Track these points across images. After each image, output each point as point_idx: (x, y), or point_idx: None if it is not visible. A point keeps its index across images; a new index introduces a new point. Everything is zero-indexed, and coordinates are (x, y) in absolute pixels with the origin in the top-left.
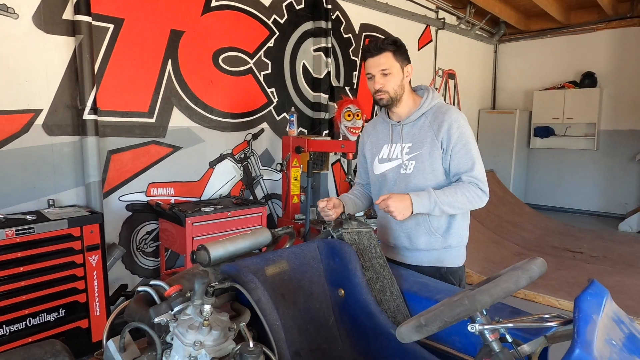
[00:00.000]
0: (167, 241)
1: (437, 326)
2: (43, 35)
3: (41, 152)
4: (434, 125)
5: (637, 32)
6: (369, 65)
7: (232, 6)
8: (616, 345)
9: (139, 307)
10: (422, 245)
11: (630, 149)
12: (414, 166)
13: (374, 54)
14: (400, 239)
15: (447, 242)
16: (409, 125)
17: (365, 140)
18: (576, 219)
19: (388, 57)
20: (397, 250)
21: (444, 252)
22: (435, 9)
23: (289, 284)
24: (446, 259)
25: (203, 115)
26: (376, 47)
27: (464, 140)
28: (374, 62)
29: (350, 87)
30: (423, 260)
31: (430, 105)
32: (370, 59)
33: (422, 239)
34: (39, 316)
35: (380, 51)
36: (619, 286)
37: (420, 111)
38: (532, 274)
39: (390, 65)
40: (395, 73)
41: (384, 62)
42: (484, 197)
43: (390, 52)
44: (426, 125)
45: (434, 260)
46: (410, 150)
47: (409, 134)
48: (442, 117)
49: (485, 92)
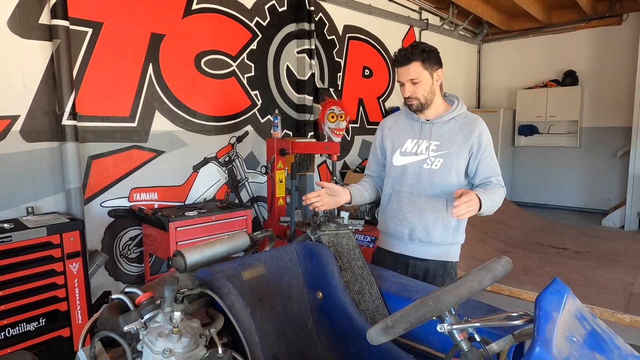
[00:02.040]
0: (151, 246)
1: (404, 327)
2: (19, 40)
3: (19, 158)
4: (464, 129)
5: (615, 31)
6: (399, 74)
7: (214, 9)
8: (577, 342)
9: (112, 315)
10: (437, 239)
11: (611, 146)
12: (441, 163)
13: (402, 63)
14: (417, 232)
15: (456, 239)
16: (439, 125)
17: (386, 133)
18: (560, 216)
19: (417, 67)
20: (411, 244)
21: (451, 247)
22: (418, 10)
23: (266, 287)
24: (451, 254)
25: (186, 118)
26: (405, 58)
27: (490, 148)
28: (404, 71)
29: (334, 89)
30: (433, 253)
31: (460, 111)
32: (400, 68)
33: (437, 233)
34: (19, 326)
35: (408, 61)
36: (602, 280)
37: (452, 114)
38: (496, 274)
39: (419, 74)
40: (424, 80)
41: (413, 71)
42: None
43: (418, 61)
44: (456, 128)
45: (442, 254)
46: (437, 148)
47: (438, 133)
48: (474, 124)
49: (470, 92)
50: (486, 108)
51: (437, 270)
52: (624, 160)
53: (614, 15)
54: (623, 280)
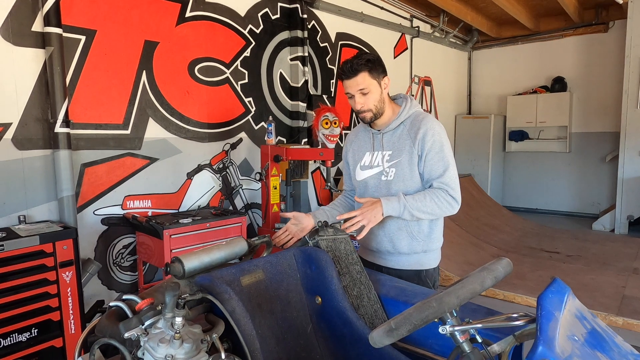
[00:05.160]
0: (144, 254)
1: (407, 329)
2: (11, 47)
3: (11, 166)
4: (411, 132)
5: (602, 38)
6: (347, 86)
7: (207, 16)
8: (578, 341)
9: (110, 323)
10: (404, 249)
11: (600, 151)
12: (394, 173)
13: (350, 75)
14: (383, 243)
15: (428, 246)
16: (389, 133)
17: (348, 148)
18: (552, 220)
19: (364, 77)
20: (380, 254)
21: (423, 256)
22: (409, 18)
23: (265, 293)
24: (425, 261)
25: (180, 126)
26: (351, 70)
27: (437, 148)
28: (352, 83)
29: (327, 95)
30: (404, 263)
31: (408, 114)
32: (347, 80)
33: (404, 243)
34: (10, 337)
35: (355, 73)
36: (594, 284)
37: (399, 120)
38: (497, 274)
39: (368, 84)
40: (373, 90)
41: (361, 82)
42: (454, 203)
43: (365, 71)
44: (404, 133)
45: (414, 263)
46: (390, 157)
47: (389, 142)
48: (419, 124)
49: (461, 98)
50: (477, 114)
51: (411, 279)
52: (612, 164)
53: (601, 23)
54: (615, 283)
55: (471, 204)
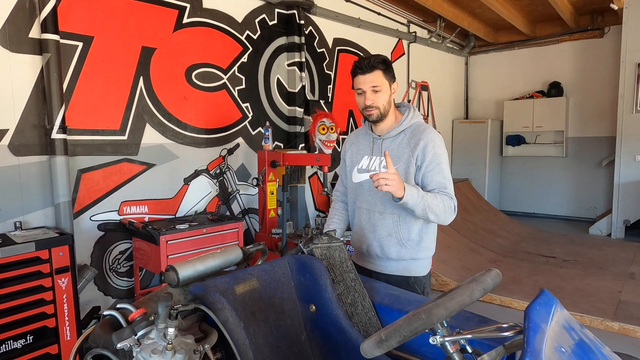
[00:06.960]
0: (141, 260)
1: (397, 340)
2: (8, 54)
3: (7, 172)
4: (411, 142)
5: (597, 44)
6: (361, 81)
7: (205, 22)
8: (565, 352)
9: (104, 333)
10: (393, 255)
11: (596, 155)
12: None
13: (366, 71)
14: (373, 248)
15: (417, 254)
16: (389, 140)
17: (347, 148)
18: (548, 224)
19: (379, 75)
20: (370, 259)
21: (412, 263)
22: (406, 23)
23: (259, 301)
24: (414, 269)
25: (177, 131)
26: (368, 65)
27: (437, 160)
28: (366, 78)
29: (325, 101)
30: (393, 269)
31: (410, 123)
32: (362, 75)
33: (392, 249)
34: (5, 344)
35: (372, 69)
36: (591, 289)
37: (400, 128)
38: (486, 286)
39: (381, 82)
40: (384, 90)
41: (375, 79)
42: (454, 212)
43: (381, 70)
44: (404, 142)
45: (402, 269)
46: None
47: (388, 149)
48: (420, 135)
49: (458, 103)
50: (474, 119)
51: (400, 285)
52: (609, 169)
53: (596, 29)
54: (611, 288)
55: (468, 209)
